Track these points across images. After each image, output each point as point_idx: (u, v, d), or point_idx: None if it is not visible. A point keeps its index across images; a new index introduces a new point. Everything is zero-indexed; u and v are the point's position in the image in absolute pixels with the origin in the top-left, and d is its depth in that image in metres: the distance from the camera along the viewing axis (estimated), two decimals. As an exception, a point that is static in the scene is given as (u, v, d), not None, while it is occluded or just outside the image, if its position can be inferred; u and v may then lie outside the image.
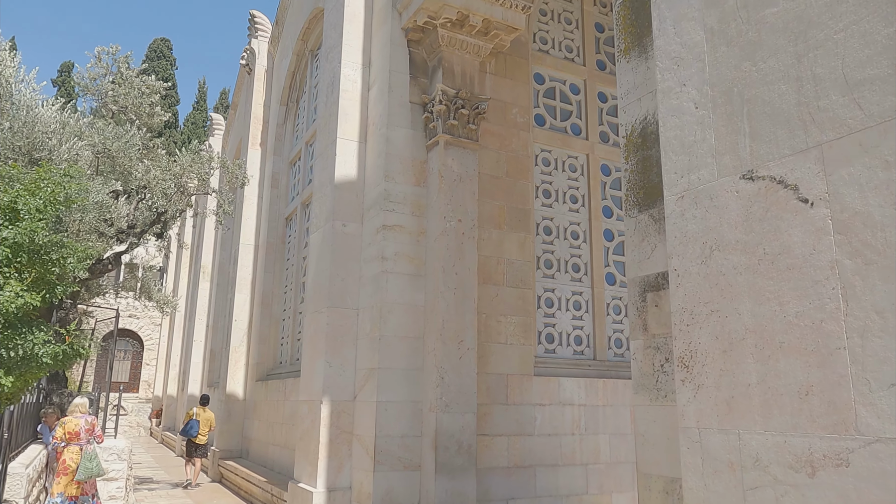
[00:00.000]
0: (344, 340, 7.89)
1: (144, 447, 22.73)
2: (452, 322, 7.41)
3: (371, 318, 7.66)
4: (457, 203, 7.76)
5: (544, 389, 8.28)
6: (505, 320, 8.19)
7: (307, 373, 8.29)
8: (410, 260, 7.80)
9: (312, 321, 8.36)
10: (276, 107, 14.34)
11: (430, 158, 8.09)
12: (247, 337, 14.01)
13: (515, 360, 8.14)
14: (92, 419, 8.90)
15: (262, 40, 15.56)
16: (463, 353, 7.38)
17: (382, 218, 7.74)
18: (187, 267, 25.96)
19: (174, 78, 53.80)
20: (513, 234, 8.53)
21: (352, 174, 8.37)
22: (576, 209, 9.54)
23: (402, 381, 7.42)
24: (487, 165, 8.54)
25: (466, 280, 7.61)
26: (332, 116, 8.71)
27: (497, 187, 8.57)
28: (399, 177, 7.94)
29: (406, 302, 7.64)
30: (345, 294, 8.00)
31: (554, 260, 9.14)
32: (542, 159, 9.41)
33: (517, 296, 8.36)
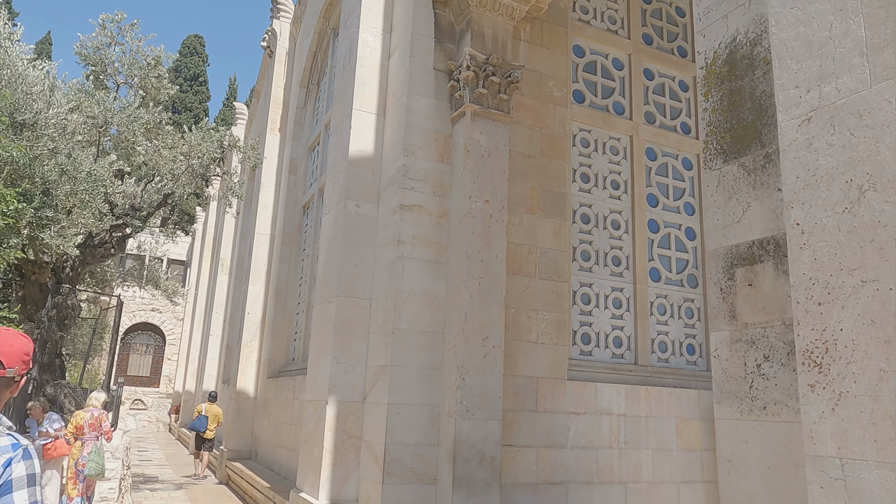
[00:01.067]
0: (354, 334, 7.03)
1: (160, 443, 22.23)
2: (476, 316, 6.49)
3: (384, 309, 6.78)
4: (484, 181, 6.85)
5: (579, 396, 7.30)
6: (536, 316, 7.24)
7: (313, 369, 7.45)
8: (430, 245, 6.90)
9: (321, 312, 7.52)
10: (297, 89, 13.60)
11: (456, 132, 7.19)
12: (260, 331, 13.27)
13: (547, 361, 7.19)
14: (99, 413, 8.30)
15: (283, 21, 14.87)
16: (488, 352, 6.46)
17: (400, 197, 6.86)
18: (209, 261, 25.48)
19: (205, 74, 53.96)
20: (547, 219, 7.59)
21: (368, 149, 7.52)
22: (617, 196, 8.55)
23: (418, 381, 6.52)
24: (520, 142, 7.61)
25: (493, 269, 6.69)
26: (347, 87, 7.88)
27: (530, 167, 7.64)
28: (420, 151, 7.06)
29: (424, 291, 6.75)
30: (357, 282, 7.14)
31: (592, 251, 8.16)
32: (580, 139, 8.45)
33: (550, 289, 7.41)
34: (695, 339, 8.67)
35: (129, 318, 32.20)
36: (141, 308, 32.31)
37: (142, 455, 17.52)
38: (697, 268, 8.93)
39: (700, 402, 8.07)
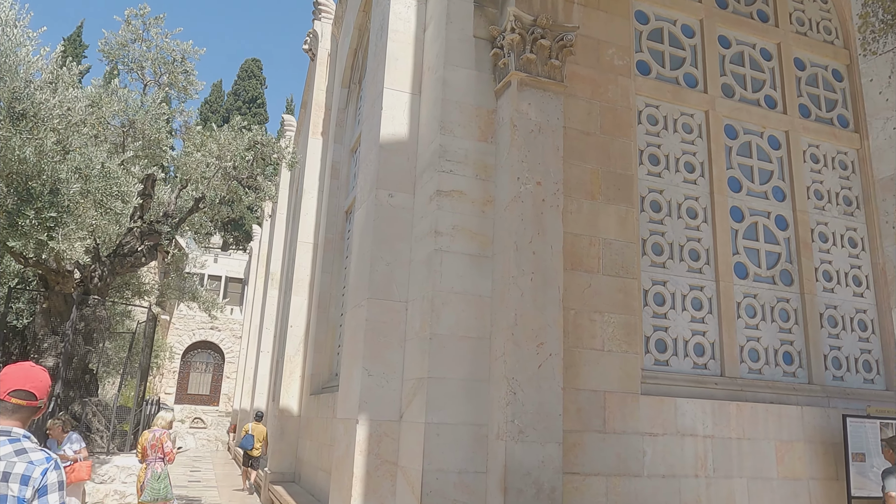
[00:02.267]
0: (388, 341, 6.09)
1: (214, 463, 21.88)
2: (529, 318, 5.45)
3: (421, 312, 5.83)
4: (535, 161, 5.83)
5: (655, 414, 6.12)
6: (601, 319, 6.13)
7: (344, 384, 6.56)
8: (473, 236, 5.92)
9: (352, 318, 6.63)
10: (338, 90, 12.94)
11: (500, 105, 6.22)
12: (303, 345, 12.55)
13: (615, 372, 6.05)
14: (162, 434, 7.84)
15: (325, 22, 14.32)
16: (543, 360, 5.39)
17: (437, 182, 5.92)
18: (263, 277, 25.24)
19: (263, 96, 54.94)
20: (610, 206, 6.49)
21: (401, 132, 6.63)
22: (692, 180, 7.36)
23: (460, 396, 5.51)
24: (576, 118, 6.57)
25: (548, 262, 5.64)
26: (378, 65, 7.04)
27: (589, 146, 6.57)
28: (459, 129, 6.11)
29: (466, 290, 5.75)
30: (390, 282, 6.22)
31: (664, 244, 6.99)
32: (646, 116, 7.32)
33: (617, 287, 6.29)
34: (792, 345, 7.32)
35: (188, 336, 32.44)
36: (200, 326, 32.49)
37: (192, 475, 17.07)
38: (791, 262, 7.60)
39: (804, 421, 6.73)
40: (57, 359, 8.22)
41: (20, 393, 2.25)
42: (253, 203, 9.87)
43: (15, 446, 2.16)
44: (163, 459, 7.82)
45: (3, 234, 6.16)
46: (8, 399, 2.22)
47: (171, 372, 31.53)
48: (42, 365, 8.32)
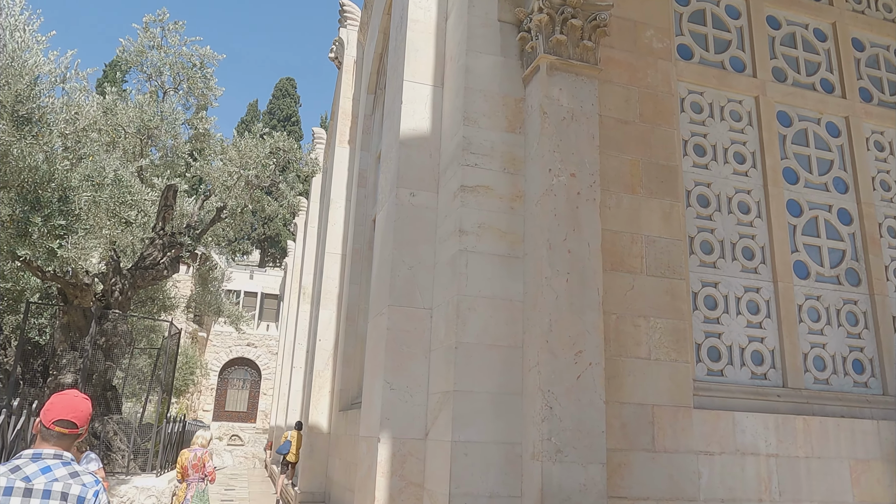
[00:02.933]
0: (411, 352, 5.60)
1: (250, 480, 21.62)
2: (565, 323, 4.89)
3: (446, 319, 5.32)
4: (568, 150, 5.30)
5: (711, 430, 5.47)
6: (646, 324, 5.52)
7: (367, 399, 6.08)
8: (501, 235, 5.40)
9: (373, 327, 6.17)
10: (364, 97, 12.61)
11: (529, 93, 5.71)
12: (332, 359, 12.14)
13: (664, 383, 5.43)
14: (203, 453, 7.72)
15: (351, 29, 14.05)
16: (582, 371, 4.82)
17: (461, 177, 5.43)
18: (296, 291, 25.07)
19: (297, 114, 55.50)
20: (653, 200, 5.90)
21: (423, 127, 6.17)
22: (743, 171, 6.71)
23: (490, 412, 4.97)
24: (612, 105, 6.02)
25: (585, 261, 5.08)
26: (399, 58, 6.63)
27: (627, 135, 6.01)
28: (484, 120, 5.62)
29: (495, 294, 5.23)
30: (413, 287, 5.73)
31: (714, 241, 6.36)
32: (689, 103, 6.73)
33: (663, 289, 5.68)
34: (862, 352, 6.57)
35: (225, 353, 32.51)
36: (237, 343, 32.54)
37: (227, 493, 16.79)
38: (858, 259, 6.86)
39: (881, 437, 5.98)
40: (76, 375, 7.96)
41: (63, 422, 2.47)
42: (276, 211, 9.55)
43: (68, 469, 2.42)
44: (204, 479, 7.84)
45: (12, 242, 5.88)
46: (53, 427, 2.46)
47: (208, 389, 31.59)
48: (60, 381, 8.08)
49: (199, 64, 8.53)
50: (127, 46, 8.39)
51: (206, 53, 8.60)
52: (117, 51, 8.21)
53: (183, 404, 26.57)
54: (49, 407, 2.51)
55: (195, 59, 8.51)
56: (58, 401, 2.53)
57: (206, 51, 8.64)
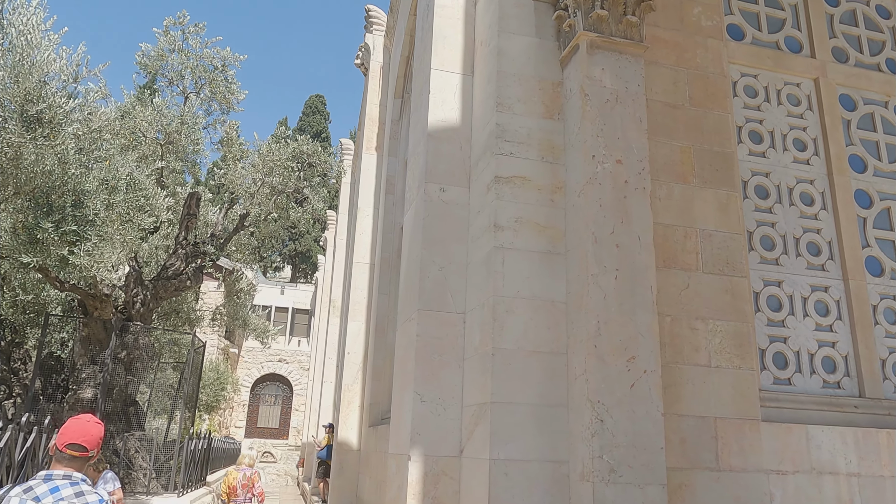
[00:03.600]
0: (444, 360, 5.11)
1: (283, 499, 21.24)
2: (615, 325, 4.35)
3: (481, 324, 4.82)
4: (612, 135, 4.79)
5: (782, 446, 4.85)
6: (704, 327, 4.95)
7: (396, 412, 5.60)
8: (540, 229, 4.90)
9: (402, 334, 5.71)
10: (391, 101, 12.26)
11: (567, 75, 5.23)
12: (361, 373, 11.70)
13: (727, 393, 4.84)
14: (252, 473, 7.55)
15: (377, 35, 13.77)
16: (636, 379, 4.27)
17: (494, 167, 4.96)
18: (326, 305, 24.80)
19: (327, 131, 55.83)
20: (707, 190, 5.35)
21: (451, 118, 5.73)
22: (805, 159, 6.11)
23: (532, 426, 4.44)
24: (659, 88, 5.50)
25: (635, 256, 4.55)
26: (425, 47, 6.22)
27: (677, 120, 5.48)
28: (519, 105, 5.15)
29: (535, 295, 4.72)
30: (444, 290, 5.26)
31: (776, 236, 5.76)
32: (742, 87, 6.16)
33: (722, 287, 5.10)
34: (947, 357, 5.87)
35: (257, 369, 32.38)
36: (268, 359, 32.39)
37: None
38: (937, 255, 6.17)
39: (977, 454, 5.26)
40: (95, 390, 7.65)
41: (74, 446, 2.67)
42: (300, 218, 9.20)
43: (74, 489, 2.59)
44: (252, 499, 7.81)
45: (21, 249, 5.57)
46: (64, 451, 2.66)
47: (240, 405, 31.45)
48: (80, 397, 7.78)
49: (220, 66, 8.26)
50: (147, 51, 8.18)
51: (227, 55, 8.33)
52: (137, 56, 8.02)
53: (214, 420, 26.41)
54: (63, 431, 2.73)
55: (216, 62, 8.25)
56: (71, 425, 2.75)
57: (227, 52, 8.37)
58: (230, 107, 8.39)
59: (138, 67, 7.90)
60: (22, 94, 5.41)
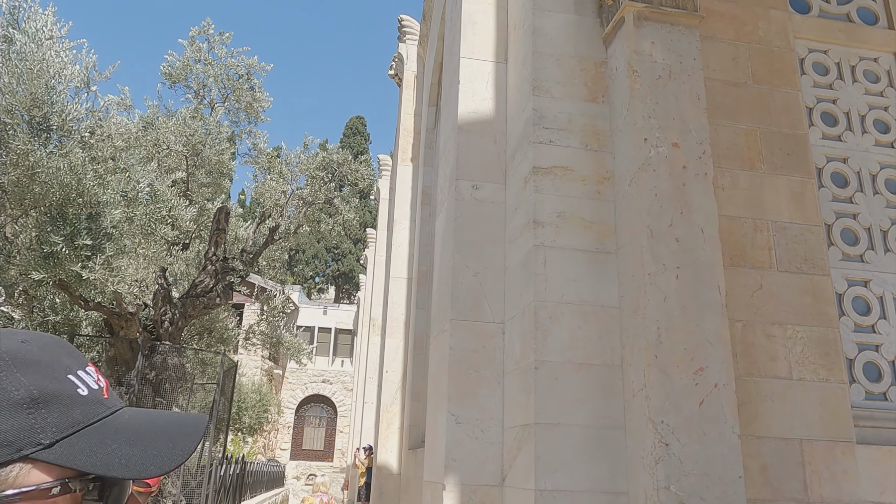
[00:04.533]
0: (481, 377, 4.54)
1: (326, 523, 20.77)
2: (678, 332, 3.72)
3: (521, 334, 4.25)
4: (667, 115, 4.19)
5: (883, 473, 4.11)
6: (782, 334, 4.26)
7: (430, 435, 5.06)
8: (586, 225, 4.32)
9: (434, 348, 5.19)
10: (426, 109, 11.86)
11: (612, 53, 4.67)
12: (400, 392, 11.18)
13: (814, 411, 4.13)
14: (328, 499, 7.37)
15: (410, 43, 13.44)
16: (706, 394, 3.62)
17: (532, 157, 4.42)
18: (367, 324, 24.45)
19: (368, 151, 56.18)
20: (778, 178, 4.68)
21: (484, 109, 5.22)
22: (888, 142, 5.37)
23: (583, 451, 3.83)
24: (716, 65, 4.89)
25: (699, 251, 3.92)
26: (454, 35, 5.75)
27: (738, 100, 4.84)
28: (558, 88, 4.61)
29: (582, 299, 4.13)
30: (479, 297, 4.71)
31: (859, 229, 5.03)
32: (811, 64, 5.48)
33: (801, 288, 4.41)
34: None
35: (301, 390, 32.21)
36: (312, 380, 32.19)
37: (299, 538, 16.00)
38: None
39: None
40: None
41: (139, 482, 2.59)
42: (330, 229, 8.80)
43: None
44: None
45: (32, 265, 5.27)
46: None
47: (285, 427, 31.27)
48: (105, 420, 7.47)
49: (245, 74, 7.99)
50: (172, 62, 7.97)
51: (252, 63, 8.05)
52: (161, 66, 7.81)
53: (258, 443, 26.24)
54: None
55: (241, 70, 7.98)
56: None
57: (253, 61, 8.10)
58: (257, 116, 8.09)
59: (163, 78, 7.71)
60: (29, 98, 5.13)
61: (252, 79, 8.02)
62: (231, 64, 7.91)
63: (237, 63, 7.95)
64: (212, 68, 7.81)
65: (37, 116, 5.14)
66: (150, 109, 7.11)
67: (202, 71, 7.83)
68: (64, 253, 5.34)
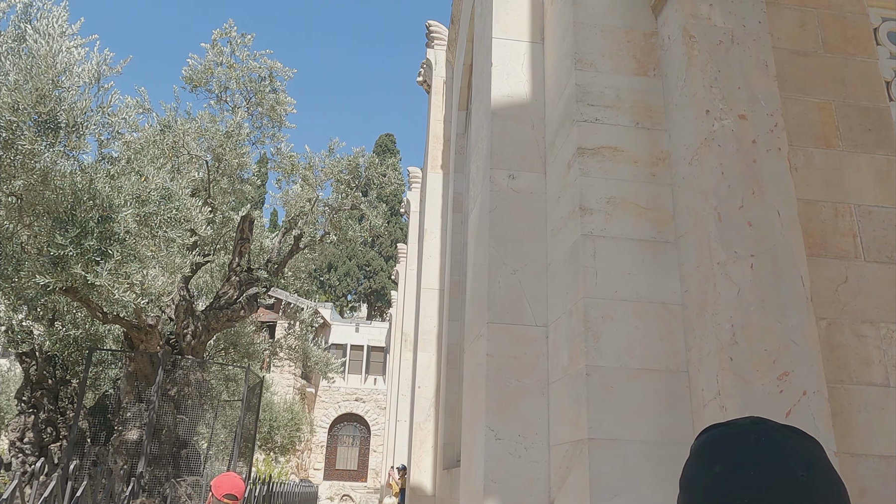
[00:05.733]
0: (523, 387, 4.03)
1: (360, 545, 20.23)
2: (756, 330, 3.17)
3: (569, 337, 3.74)
4: (731, 84, 3.67)
5: None
6: (875, 334, 3.66)
7: (466, 453, 4.55)
8: (641, 212, 3.80)
9: (470, 356, 4.69)
10: (455, 114, 11.48)
11: (664, 21, 4.17)
12: (434, 408, 10.68)
13: (917, 423, 3.51)
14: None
15: (438, 49, 13.11)
16: (794, 402, 3.06)
17: (576, 137, 3.93)
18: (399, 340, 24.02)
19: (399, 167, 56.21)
20: (860, 156, 4.10)
21: (520, 92, 4.76)
22: (980, 118, 4.74)
23: (648, 470, 3.28)
24: (782, 33, 4.34)
25: (777, 236, 3.37)
26: (486, 15, 5.32)
27: (809, 71, 4.29)
28: (603, 62, 4.12)
29: (639, 296, 3.60)
30: (519, 298, 4.21)
31: (953, 215, 4.40)
32: (886, 33, 4.90)
33: (893, 280, 3.81)
34: None
35: (334, 409, 31.85)
36: (345, 398, 31.81)
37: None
38: None
39: None
40: (141, 430, 6.98)
41: (231, 496, 3.61)
42: (357, 236, 8.40)
43: None
44: None
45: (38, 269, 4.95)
46: (223, 500, 3.57)
47: (318, 446, 30.88)
48: (125, 438, 7.14)
49: (268, 77, 7.69)
50: (194, 65, 7.71)
51: (274, 66, 7.75)
52: (183, 70, 7.56)
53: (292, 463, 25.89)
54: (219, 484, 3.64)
55: (263, 72, 7.68)
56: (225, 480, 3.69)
57: (276, 64, 7.79)
58: (280, 121, 7.76)
59: (183, 82, 7.44)
60: (35, 94, 4.83)
61: (275, 81, 7.72)
62: (253, 66, 7.62)
63: (259, 66, 7.66)
64: (234, 70, 7.52)
65: (43, 113, 4.83)
66: (168, 113, 6.82)
67: (224, 74, 7.55)
68: (71, 256, 5.01)
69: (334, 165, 7.81)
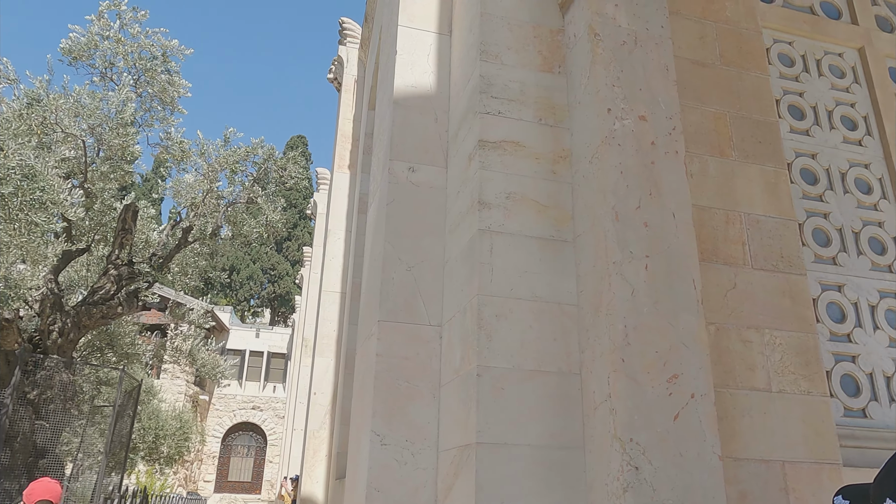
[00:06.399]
0: (413, 389, 3.81)
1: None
2: (648, 331, 3.11)
3: (462, 336, 3.56)
4: (633, 84, 3.64)
5: (873, 499, 3.56)
6: (759, 339, 3.72)
7: (352, 460, 4.29)
8: (540, 209, 3.69)
9: (361, 356, 4.44)
10: (365, 113, 11.17)
11: (571, 19, 4.12)
12: (329, 416, 10.27)
13: (796, 428, 3.58)
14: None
15: (350, 47, 12.79)
16: (682, 406, 3.01)
17: (479, 129, 3.78)
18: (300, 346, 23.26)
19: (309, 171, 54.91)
20: (751, 166, 4.20)
21: (425, 83, 4.58)
22: (856, 140, 5.03)
23: (537, 476, 3.14)
24: (683, 43, 4.41)
25: (672, 238, 3.34)
26: (394, 4, 5.12)
27: (707, 82, 4.36)
28: (509, 55, 4.01)
29: (535, 294, 3.48)
30: (414, 296, 4.00)
31: (831, 229, 4.61)
32: (777, 54, 5.12)
33: (778, 288, 3.90)
34: None
35: (229, 417, 30.41)
36: (241, 406, 30.46)
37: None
38: None
39: None
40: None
41: (45, 502, 3.40)
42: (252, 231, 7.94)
43: None
44: None
45: None
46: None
47: (210, 457, 29.34)
48: (-30, 446, 6.32)
49: (161, 56, 7.12)
50: (76, 38, 7.03)
51: (169, 45, 7.19)
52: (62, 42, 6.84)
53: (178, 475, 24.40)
54: (31, 492, 3.46)
55: (156, 51, 7.11)
56: (38, 486, 3.50)
57: (172, 43, 7.23)
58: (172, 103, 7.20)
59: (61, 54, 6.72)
60: None
61: (169, 62, 7.16)
62: (145, 44, 7.03)
63: (152, 43, 7.08)
64: (121, 46, 6.90)
65: None
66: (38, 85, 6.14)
67: (110, 48, 6.92)
68: None
69: (230, 155, 7.34)
